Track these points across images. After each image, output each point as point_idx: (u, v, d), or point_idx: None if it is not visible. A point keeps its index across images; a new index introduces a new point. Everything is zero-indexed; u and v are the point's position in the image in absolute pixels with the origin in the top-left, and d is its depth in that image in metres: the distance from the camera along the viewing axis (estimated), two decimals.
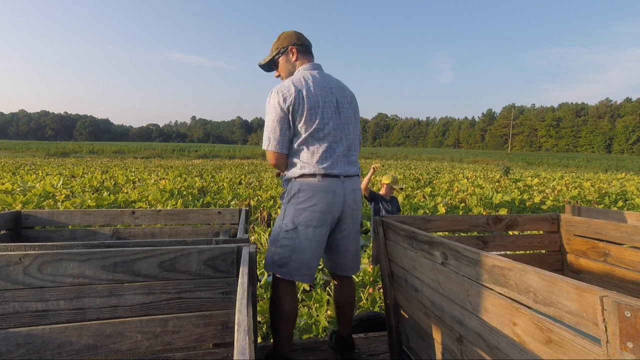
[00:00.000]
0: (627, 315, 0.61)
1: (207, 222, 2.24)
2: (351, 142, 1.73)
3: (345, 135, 1.69)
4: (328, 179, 1.61)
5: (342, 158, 1.67)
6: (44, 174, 11.84)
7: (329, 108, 1.65)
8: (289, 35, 1.78)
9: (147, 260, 1.01)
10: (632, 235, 1.59)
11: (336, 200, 1.62)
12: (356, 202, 1.72)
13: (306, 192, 1.60)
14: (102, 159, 26.73)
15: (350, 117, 1.73)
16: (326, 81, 1.70)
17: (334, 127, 1.65)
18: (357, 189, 1.74)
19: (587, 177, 17.14)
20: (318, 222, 1.60)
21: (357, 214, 1.76)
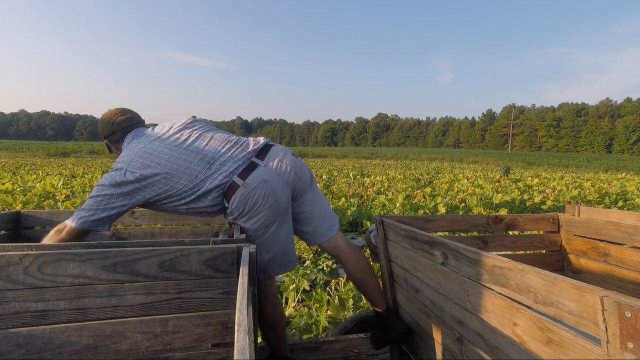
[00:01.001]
0: (627, 316, 0.61)
1: (207, 222, 2.24)
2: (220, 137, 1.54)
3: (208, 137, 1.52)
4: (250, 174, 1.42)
5: (232, 152, 1.48)
6: (44, 174, 11.85)
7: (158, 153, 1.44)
8: (100, 129, 1.68)
9: (147, 261, 1.01)
10: (632, 235, 1.59)
11: (274, 186, 1.43)
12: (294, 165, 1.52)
13: (240, 204, 1.42)
14: (103, 159, 26.74)
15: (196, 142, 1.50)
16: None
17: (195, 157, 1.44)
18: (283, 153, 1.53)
19: (588, 177, 17.13)
20: (272, 217, 1.45)
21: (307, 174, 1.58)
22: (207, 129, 1.60)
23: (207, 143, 1.51)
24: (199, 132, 1.56)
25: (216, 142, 1.52)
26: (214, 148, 1.49)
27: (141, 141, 1.50)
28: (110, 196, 1.39)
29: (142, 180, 1.39)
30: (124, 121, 1.62)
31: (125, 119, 1.62)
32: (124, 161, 1.43)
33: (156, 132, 1.56)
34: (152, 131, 1.57)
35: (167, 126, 1.59)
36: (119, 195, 1.39)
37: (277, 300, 1.68)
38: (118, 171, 1.41)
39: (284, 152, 1.56)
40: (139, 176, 1.39)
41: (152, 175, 1.39)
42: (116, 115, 1.63)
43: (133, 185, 1.39)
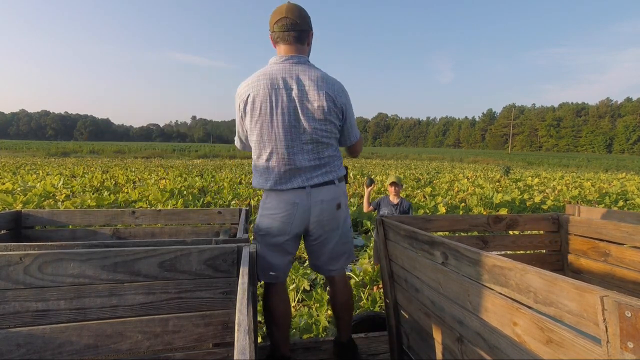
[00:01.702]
0: (627, 315, 0.61)
1: (208, 222, 2.24)
2: (317, 147, 1.54)
3: (305, 139, 1.51)
4: (290, 192, 1.54)
5: (305, 164, 1.52)
6: (44, 173, 11.85)
7: (280, 111, 1.48)
8: (271, 16, 1.56)
9: (148, 260, 1.01)
10: (632, 235, 1.59)
11: (298, 212, 1.54)
12: (325, 212, 1.58)
13: (270, 200, 1.58)
14: (103, 159, 26.74)
15: (314, 117, 1.50)
16: (285, 77, 1.49)
17: (289, 132, 1.49)
18: (328, 200, 1.58)
19: (588, 177, 17.13)
20: (278, 230, 1.57)
21: (331, 223, 1.63)
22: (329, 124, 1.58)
23: (310, 128, 1.51)
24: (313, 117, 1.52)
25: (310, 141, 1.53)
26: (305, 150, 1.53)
27: (279, 71, 1.53)
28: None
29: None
30: (287, 25, 1.55)
31: (291, 25, 1.56)
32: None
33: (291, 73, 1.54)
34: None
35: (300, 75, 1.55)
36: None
37: (286, 296, 1.72)
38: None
39: (332, 199, 1.60)
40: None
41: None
42: (280, 17, 1.54)
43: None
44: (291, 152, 1.51)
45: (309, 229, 1.61)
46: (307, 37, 1.57)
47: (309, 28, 1.56)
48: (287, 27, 1.50)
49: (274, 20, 1.52)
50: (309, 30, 1.57)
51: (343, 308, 1.79)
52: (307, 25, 1.55)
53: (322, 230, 1.62)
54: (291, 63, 1.51)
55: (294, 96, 1.48)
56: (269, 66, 1.53)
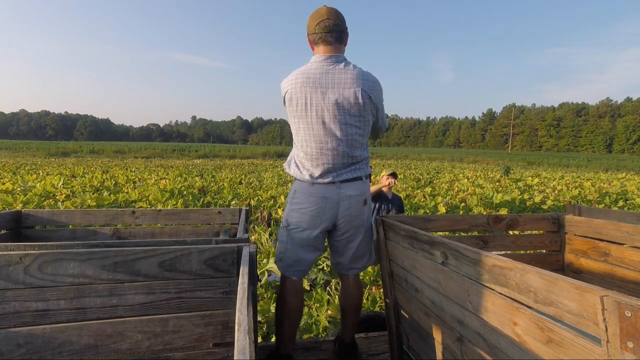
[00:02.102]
0: (627, 315, 0.61)
1: (208, 221, 2.24)
2: (349, 143, 1.59)
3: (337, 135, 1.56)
4: (320, 186, 1.60)
5: (337, 161, 1.59)
6: (44, 173, 11.85)
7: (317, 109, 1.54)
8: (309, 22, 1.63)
9: (148, 260, 1.01)
10: (632, 235, 1.59)
11: (327, 206, 1.60)
12: (353, 207, 1.63)
13: (300, 195, 1.63)
14: (103, 159, 26.74)
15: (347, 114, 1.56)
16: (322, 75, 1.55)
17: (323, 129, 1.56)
18: (356, 194, 1.63)
19: (588, 177, 17.13)
20: (308, 224, 1.62)
21: (358, 219, 1.67)
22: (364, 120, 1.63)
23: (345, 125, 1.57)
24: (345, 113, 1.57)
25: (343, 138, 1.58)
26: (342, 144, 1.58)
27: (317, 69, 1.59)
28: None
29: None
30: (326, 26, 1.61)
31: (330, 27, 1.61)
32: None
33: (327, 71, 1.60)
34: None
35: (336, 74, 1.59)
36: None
37: (302, 293, 1.75)
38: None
39: (359, 195, 1.64)
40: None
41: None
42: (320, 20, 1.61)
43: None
44: (324, 149, 1.57)
45: (336, 224, 1.65)
46: (345, 38, 1.65)
47: (346, 29, 1.65)
48: (329, 29, 1.58)
49: (315, 22, 1.59)
50: (346, 31, 1.65)
51: (353, 308, 1.80)
52: (345, 27, 1.64)
53: (349, 226, 1.66)
54: (330, 62, 1.58)
55: (330, 95, 1.54)
56: (310, 64, 1.61)
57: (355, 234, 1.70)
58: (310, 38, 1.63)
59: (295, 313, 1.69)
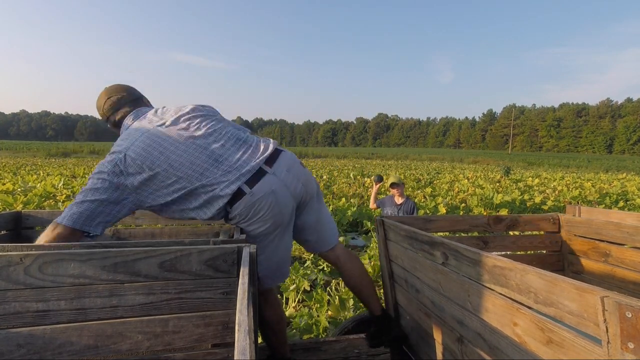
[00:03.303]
0: (628, 316, 0.61)
1: (208, 222, 2.24)
2: (230, 134, 1.42)
3: (218, 133, 1.40)
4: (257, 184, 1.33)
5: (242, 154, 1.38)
6: (44, 174, 11.86)
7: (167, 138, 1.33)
8: (100, 111, 1.57)
9: (148, 261, 1.01)
10: (633, 236, 1.59)
11: (280, 197, 1.37)
12: (301, 176, 1.46)
13: (244, 211, 1.34)
14: (103, 159, 26.70)
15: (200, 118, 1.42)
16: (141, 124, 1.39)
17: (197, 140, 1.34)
18: (292, 162, 1.46)
19: (588, 178, 17.12)
20: (274, 225, 1.39)
21: (313, 184, 1.53)
22: (217, 121, 1.45)
23: (218, 139, 1.38)
24: (208, 124, 1.41)
25: (227, 139, 1.40)
26: (224, 146, 1.37)
27: (143, 124, 1.36)
28: (107, 186, 1.25)
29: (143, 171, 1.26)
30: (120, 100, 1.49)
31: (118, 98, 1.49)
32: (122, 144, 1.29)
33: (159, 115, 1.42)
34: (154, 114, 1.43)
35: (172, 111, 1.44)
36: (116, 187, 1.26)
37: (277, 302, 1.68)
38: (116, 154, 1.27)
39: (293, 161, 1.48)
40: (140, 164, 1.25)
41: (155, 165, 1.26)
42: (111, 95, 1.50)
43: (132, 177, 1.26)
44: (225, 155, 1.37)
45: (301, 203, 1.50)
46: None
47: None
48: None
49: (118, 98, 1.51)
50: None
51: (361, 281, 1.67)
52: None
53: (307, 196, 1.51)
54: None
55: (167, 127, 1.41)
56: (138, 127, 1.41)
57: (316, 199, 1.57)
58: (114, 118, 1.53)
59: (276, 324, 1.62)
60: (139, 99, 1.56)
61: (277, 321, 1.63)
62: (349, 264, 1.69)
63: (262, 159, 1.39)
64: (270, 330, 1.64)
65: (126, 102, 1.51)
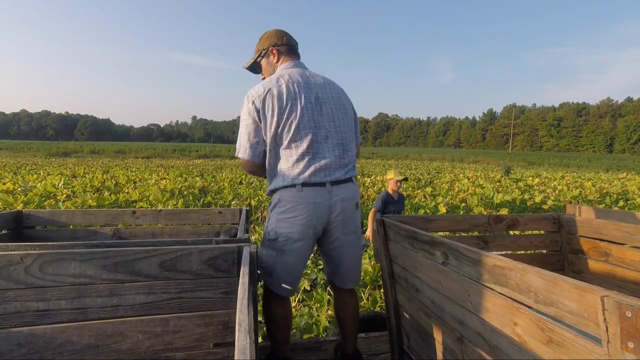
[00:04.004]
0: (628, 315, 0.61)
1: (208, 222, 2.24)
2: (341, 141, 1.57)
3: (331, 133, 1.54)
4: (309, 189, 1.48)
5: (329, 160, 1.52)
6: (45, 173, 11.86)
7: (306, 105, 1.51)
8: (269, 36, 1.68)
9: (148, 260, 1.01)
10: (633, 235, 1.59)
11: (319, 211, 1.48)
12: (346, 211, 1.56)
13: (286, 203, 1.50)
14: (103, 159, 26.75)
15: (337, 113, 1.58)
16: (304, 77, 1.57)
17: (314, 125, 1.51)
18: (349, 197, 1.57)
19: (588, 177, 17.11)
20: (299, 235, 1.49)
21: (350, 224, 1.60)
22: (345, 116, 1.63)
23: (335, 124, 1.57)
24: (335, 113, 1.59)
25: (336, 135, 1.57)
26: (330, 131, 1.55)
27: (301, 73, 1.59)
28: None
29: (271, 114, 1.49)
30: (291, 40, 1.71)
31: (294, 45, 1.72)
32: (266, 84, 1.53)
33: (309, 75, 1.62)
34: (304, 72, 1.62)
35: (317, 79, 1.63)
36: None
37: (288, 301, 1.69)
38: (258, 90, 1.52)
39: (352, 197, 1.59)
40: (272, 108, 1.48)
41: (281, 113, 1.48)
42: (286, 34, 1.71)
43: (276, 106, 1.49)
44: (319, 148, 1.52)
45: (328, 229, 1.56)
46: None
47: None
48: (294, 42, 1.72)
49: (282, 35, 1.69)
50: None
51: (351, 317, 1.74)
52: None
53: (340, 232, 1.58)
54: (305, 69, 1.66)
55: (318, 94, 1.57)
56: (284, 69, 1.62)
57: (349, 241, 1.62)
58: (278, 49, 1.67)
59: (282, 321, 1.64)
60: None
61: (284, 318, 1.65)
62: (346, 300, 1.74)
63: (334, 179, 1.53)
64: (275, 326, 1.65)
65: (290, 50, 1.72)
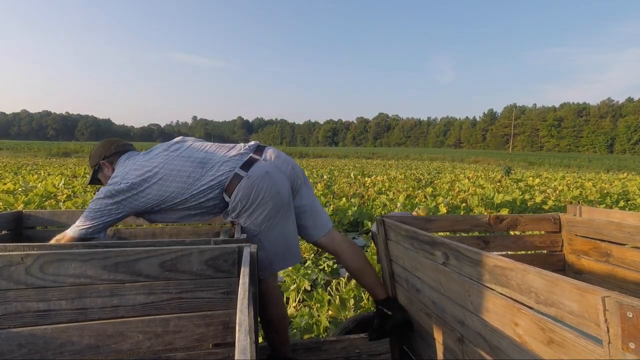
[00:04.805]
0: (629, 316, 0.61)
1: (208, 222, 2.24)
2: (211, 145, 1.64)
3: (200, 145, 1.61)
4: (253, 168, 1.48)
5: (227, 150, 1.58)
6: (45, 174, 11.87)
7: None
8: (96, 152, 1.71)
9: (148, 260, 1.01)
10: (633, 236, 1.59)
11: (275, 177, 1.49)
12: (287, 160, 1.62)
13: (242, 197, 1.44)
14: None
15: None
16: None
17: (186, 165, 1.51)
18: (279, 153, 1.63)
19: (589, 177, 17.10)
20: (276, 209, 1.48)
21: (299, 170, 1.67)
22: (200, 142, 1.69)
23: (201, 149, 1.59)
24: (190, 143, 1.64)
25: (210, 147, 1.61)
26: (208, 152, 1.57)
27: (135, 159, 1.59)
28: (105, 206, 1.48)
29: (136, 187, 1.47)
30: (123, 145, 1.73)
31: (124, 144, 1.74)
32: (118, 175, 1.52)
33: (148, 150, 1.64)
34: (143, 152, 1.65)
35: (159, 146, 1.65)
36: (113, 204, 1.48)
37: (281, 300, 1.69)
38: (114, 184, 1.49)
39: (278, 151, 1.66)
40: (131, 184, 1.46)
41: (145, 180, 1.47)
42: (116, 142, 1.73)
43: (128, 194, 1.47)
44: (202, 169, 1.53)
45: (293, 186, 1.61)
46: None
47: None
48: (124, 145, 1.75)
49: (105, 148, 1.70)
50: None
51: (363, 266, 1.71)
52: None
53: (298, 179, 1.65)
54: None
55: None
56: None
57: (307, 184, 1.71)
58: (106, 161, 1.67)
59: (278, 323, 1.64)
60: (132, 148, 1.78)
61: (280, 320, 1.64)
62: (348, 248, 1.74)
63: (249, 150, 1.57)
64: (272, 328, 1.65)
65: (126, 149, 1.72)
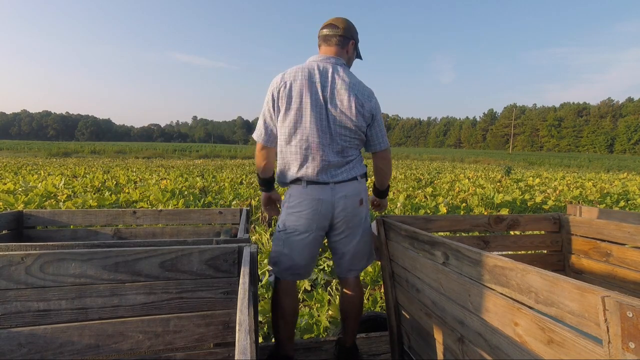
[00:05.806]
0: (629, 316, 0.61)
1: (208, 222, 2.24)
2: (342, 145, 1.61)
3: (333, 136, 1.59)
4: (313, 186, 1.59)
5: (330, 162, 1.59)
6: (45, 174, 11.87)
7: (312, 106, 1.55)
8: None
9: (149, 260, 1.01)
10: (634, 236, 1.59)
11: (322, 207, 1.59)
12: (348, 207, 1.63)
13: (294, 198, 1.62)
14: (104, 159, 26.76)
15: (342, 117, 1.59)
16: (321, 74, 1.59)
17: (318, 128, 1.56)
18: (351, 195, 1.63)
19: (589, 177, 17.09)
20: (305, 227, 1.61)
21: (354, 219, 1.66)
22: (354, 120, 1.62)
23: (337, 126, 1.59)
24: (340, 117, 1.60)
25: (339, 138, 1.61)
26: (335, 137, 1.59)
27: (315, 67, 1.61)
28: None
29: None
30: (324, 30, 1.72)
31: (328, 31, 1.71)
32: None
33: (327, 72, 1.62)
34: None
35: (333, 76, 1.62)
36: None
37: (295, 292, 1.73)
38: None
39: (355, 194, 1.65)
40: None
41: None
42: (325, 24, 1.73)
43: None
44: (319, 147, 1.57)
45: (333, 224, 1.65)
46: (347, 44, 1.70)
47: (350, 36, 1.70)
48: (331, 31, 1.68)
49: (323, 25, 1.72)
50: (350, 38, 1.70)
51: (353, 312, 1.78)
52: (349, 34, 1.70)
53: (345, 226, 1.66)
54: (329, 62, 1.63)
55: (327, 94, 1.58)
56: (308, 62, 1.65)
57: (353, 234, 1.68)
58: (319, 36, 1.72)
59: (290, 315, 1.68)
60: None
61: (292, 312, 1.69)
62: (353, 293, 1.77)
63: (338, 180, 1.61)
64: (283, 321, 1.67)
65: (323, 40, 1.74)
